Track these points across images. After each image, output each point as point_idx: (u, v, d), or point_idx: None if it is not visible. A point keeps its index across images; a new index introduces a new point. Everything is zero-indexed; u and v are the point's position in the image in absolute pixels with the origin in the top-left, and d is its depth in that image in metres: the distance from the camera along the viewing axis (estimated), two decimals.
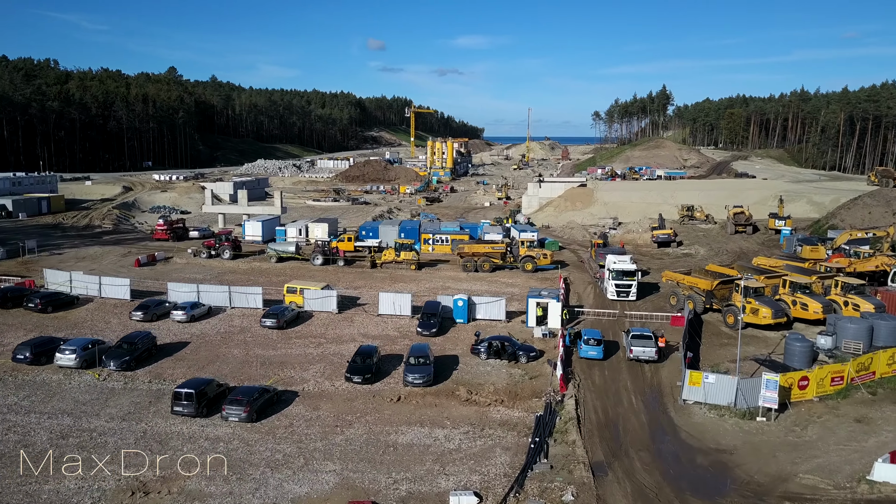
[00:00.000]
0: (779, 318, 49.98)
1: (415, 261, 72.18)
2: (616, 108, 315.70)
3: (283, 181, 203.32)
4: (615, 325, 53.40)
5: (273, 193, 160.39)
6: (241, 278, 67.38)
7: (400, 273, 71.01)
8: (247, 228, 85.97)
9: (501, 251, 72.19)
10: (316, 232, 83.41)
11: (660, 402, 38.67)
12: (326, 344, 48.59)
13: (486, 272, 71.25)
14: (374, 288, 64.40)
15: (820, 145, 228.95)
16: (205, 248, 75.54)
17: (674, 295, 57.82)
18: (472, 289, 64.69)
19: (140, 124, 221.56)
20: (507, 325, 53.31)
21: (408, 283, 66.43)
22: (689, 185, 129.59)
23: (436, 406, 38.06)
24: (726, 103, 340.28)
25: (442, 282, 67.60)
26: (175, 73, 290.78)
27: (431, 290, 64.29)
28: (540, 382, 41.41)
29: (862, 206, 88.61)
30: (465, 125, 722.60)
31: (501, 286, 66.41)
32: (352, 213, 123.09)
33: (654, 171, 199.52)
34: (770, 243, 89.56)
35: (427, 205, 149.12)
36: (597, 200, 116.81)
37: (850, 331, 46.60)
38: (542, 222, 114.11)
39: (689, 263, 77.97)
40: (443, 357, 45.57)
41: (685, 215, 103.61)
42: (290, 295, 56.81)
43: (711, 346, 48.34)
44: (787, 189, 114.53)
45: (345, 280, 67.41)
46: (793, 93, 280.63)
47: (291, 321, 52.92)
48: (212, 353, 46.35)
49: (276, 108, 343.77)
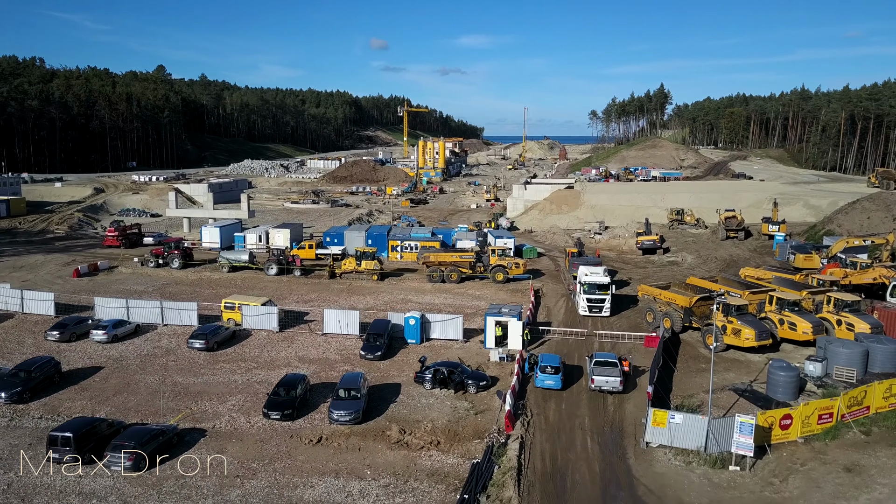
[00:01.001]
0: (763, 340, 44.77)
1: (377, 271, 66.99)
2: (613, 107, 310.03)
3: (268, 182, 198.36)
4: (583, 346, 48.22)
5: (252, 195, 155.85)
6: (186, 291, 62.30)
7: (360, 284, 65.84)
8: (204, 234, 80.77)
9: (470, 260, 67.01)
10: (276, 238, 78.26)
11: (619, 444, 33.45)
12: (256, 369, 43.46)
13: (454, 283, 66.09)
14: (327, 302, 59.33)
15: (820, 145, 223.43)
16: (152, 257, 70.41)
17: (650, 311, 52.60)
18: (435, 302, 59.64)
19: (124, 124, 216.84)
20: (464, 345, 48.17)
21: (365, 297, 61.31)
22: (681, 186, 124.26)
23: (359, 450, 32.89)
24: (726, 102, 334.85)
25: (404, 294, 62.43)
26: (163, 72, 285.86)
27: (391, 303, 59.18)
28: (486, 418, 36.23)
29: (860, 211, 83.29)
30: (465, 125, 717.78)
31: (468, 299, 61.27)
32: (328, 217, 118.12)
33: (650, 172, 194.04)
34: (763, 250, 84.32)
35: (411, 207, 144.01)
36: (583, 203, 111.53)
37: (843, 356, 41.40)
38: (526, 226, 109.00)
39: (673, 273, 72.81)
40: (382, 386, 40.47)
41: (674, 219, 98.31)
42: (227, 311, 51.76)
43: (687, 372, 43.15)
44: (782, 191, 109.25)
45: (297, 292, 62.29)
46: (793, 91, 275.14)
47: (224, 341, 47.81)
48: (124, 380, 41.24)
49: (269, 107, 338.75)
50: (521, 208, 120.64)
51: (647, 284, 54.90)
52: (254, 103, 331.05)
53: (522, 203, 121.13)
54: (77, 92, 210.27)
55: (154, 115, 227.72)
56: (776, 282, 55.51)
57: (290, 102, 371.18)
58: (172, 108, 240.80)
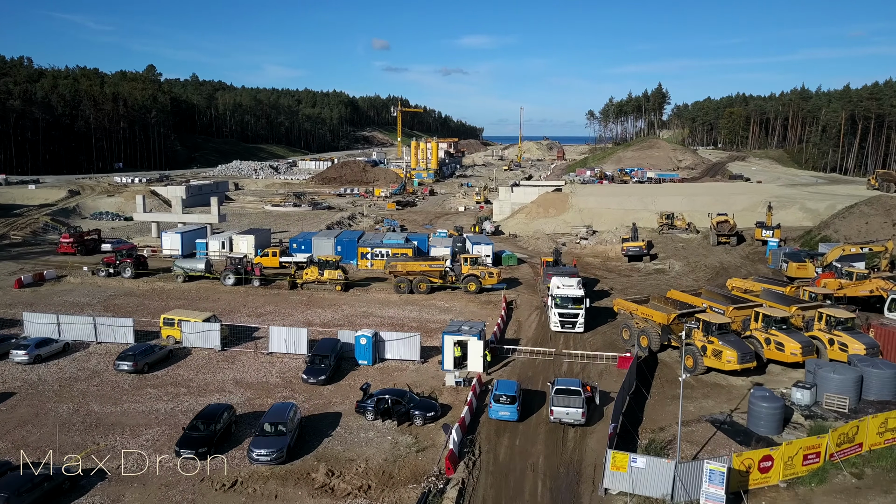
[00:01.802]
0: (747, 363, 40.53)
1: (340, 281, 62.78)
2: (611, 107, 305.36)
3: (255, 183, 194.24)
4: (551, 368, 44.03)
5: (234, 197, 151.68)
6: (133, 303, 58.14)
7: (321, 296, 61.62)
8: (164, 241, 76.55)
9: (440, 270, 62.79)
10: (240, 245, 74.10)
11: (574, 490, 29.26)
12: (185, 395, 39.29)
13: (423, 294, 61.90)
14: (282, 316, 55.17)
15: (820, 145, 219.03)
16: (104, 266, 66.23)
17: (626, 328, 48.37)
18: (399, 316, 55.47)
19: (110, 124, 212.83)
20: (421, 366, 43.99)
21: (325, 310, 57.11)
22: (673, 189, 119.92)
23: (276, 497, 28.72)
24: (726, 102, 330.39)
25: (366, 307, 58.22)
26: (153, 72, 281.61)
27: (350, 317, 55.02)
28: (428, 457, 32.05)
29: (858, 216, 78.94)
30: (464, 125, 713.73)
31: (435, 312, 57.07)
32: (308, 220, 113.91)
33: (646, 173, 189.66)
34: (755, 256, 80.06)
35: (397, 209, 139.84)
36: (571, 206, 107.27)
37: (834, 383, 37.18)
38: (512, 230, 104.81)
39: (658, 282, 68.56)
40: (320, 416, 36.32)
41: (664, 223, 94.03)
42: (166, 328, 47.63)
43: (662, 399, 38.92)
44: (778, 194, 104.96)
45: (252, 305, 58.11)
46: (793, 91, 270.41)
47: (157, 362, 43.66)
48: (34, 409, 37.09)
49: (262, 107, 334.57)
50: (507, 211, 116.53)
51: (624, 298, 50.56)
52: (247, 103, 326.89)
53: (509, 206, 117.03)
54: (62, 92, 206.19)
55: (141, 116, 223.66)
56: (764, 295, 51.26)
57: (284, 103, 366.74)
58: (161, 109, 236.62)
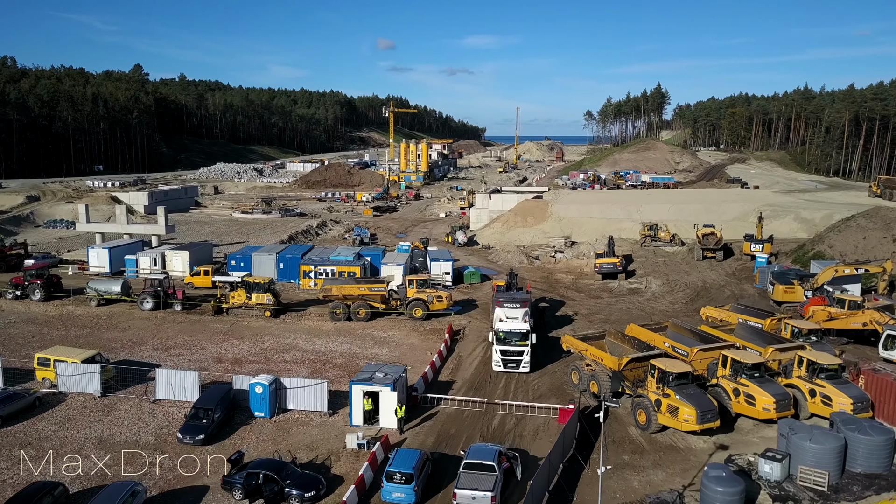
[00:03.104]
0: (708, 423, 33.63)
1: (269, 306, 56.06)
2: (609, 107, 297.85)
3: (236, 187, 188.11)
4: (480, 422, 37.24)
5: (207, 203, 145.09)
6: (30, 332, 51.57)
7: (245, 323, 54.87)
8: (91, 257, 69.96)
9: (381, 293, 56.01)
10: (174, 262, 67.51)
11: None
12: (30, 461, 32.59)
13: (362, 321, 55.18)
14: (193, 349, 48.56)
15: (824, 147, 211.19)
16: (10, 287, 59.70)
17: (576, 370, 41.52)
18: (325, 350, 48.81)
19: (89, 125, 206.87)
20: (328, 420, 37.25)
21: (244, 341, 50.42)
22: (661, 196, 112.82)
23: None
24: (728, 102, 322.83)
25: (292, 338, 51.45)
26: (140, 72, 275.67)
27: (270, 351, 48.37)
28: None
29: (855, 230, 71.81)
30: (465, 125, 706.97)
31: (370, 344, 50.33)
32: (274, 229, 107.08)
33: (640, 177, 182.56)
34: (742, 273, 73.12)
35: (374, 216, 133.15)
36: (551, 215, 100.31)
37: (811, 454, 30.34)
38: (487, 241, 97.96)
39: (630, 305, 61.66)
40: (179, 493, 29.70)
41: (647, 235, 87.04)
42: (41, 369, 41.10)
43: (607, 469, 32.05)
44: (772, 202, 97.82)
45: (164, 335, 51.45)
46: (796, 91, 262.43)
47: (17, 413, 37.05)
48: None
49: (254, 107, 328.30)
50: (485, 219, 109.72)
51: (574, 334, 43.48)
52: (238, 104, 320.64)
53: (487, 214, 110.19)
54: (39, 92, 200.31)
55: (122, 117, 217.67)
56: (739, 331, 44.33)
57: (278, 103, 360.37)
58: (144, 109, 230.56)
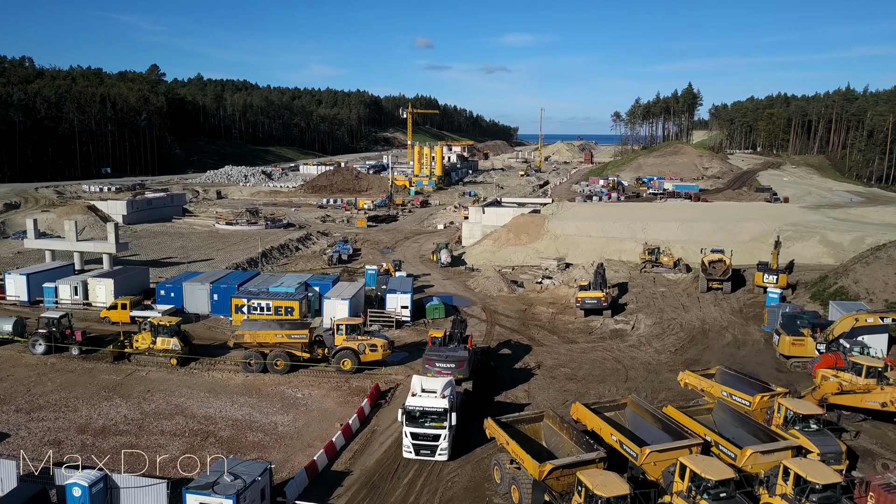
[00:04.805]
0: None
1: (176, 352, 48.06)
2: (638, 108, 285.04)
3: (241, 192, 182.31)
4: None
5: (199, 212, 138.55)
6: None
7: (144, 374, 46.77)
8: (7, 284, 62.84)
9: (302, 341, 47.56)
10: (98, 291, 60.08)
11: None
12: None
13: (279, 373, 46.84)
14: (62, 410, 40.69)
15: (866, 152, 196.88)
16: None
17: (497, 466, 32.48)
18: (219, 415, 40.55)
19: (96, 127, 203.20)
20: None
21: (128, 400, 42.35)
22: (671, 212, 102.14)
23: None
24: (766, 103, 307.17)
25: (187, 396, 43.21)
26: (156, 72, 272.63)
27: (151, 416, 40.22)
28: None
29: (886, 262, 60.91)
30: (496, 124, 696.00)
31: (276, 407, 41.82)
32: (251, 243, 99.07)
33: (662, 184, 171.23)
34: (750, 311, 62.97)
35: (369, 226, 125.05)
36: (546, 233, 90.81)
37: None
38: (475, 260, 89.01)
39: (606, 355, 52.01)
40: None
41: (647, 260, 77.15)
42: None
43: None
44: (796, 221, 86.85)
45: (41, 389, 43.62)
46: (837, 91, 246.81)
47: None
48: None
49: (274, 108, 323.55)
50: (478, 235, 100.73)
51: (497, 419, 34.20)
52: (258, 104, 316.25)
53: (480, 229, 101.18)
54: (46, 94, 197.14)
55: (131, 118, 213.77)
56: (717, 415, 34.74)
57: (299, 103, 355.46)
58: (155, 110, 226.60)
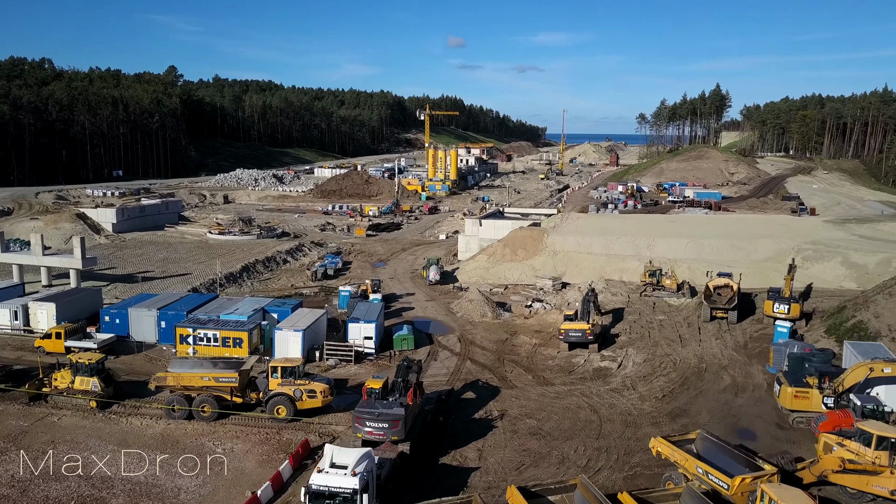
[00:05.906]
0: None
1: (94, 394, 43.18)
2: (664, 109, 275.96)
3: (248, 196, 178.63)
4: None
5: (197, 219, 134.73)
6: None
7: (55, 420, 41.81)
8: None
9: (231, 385, 42.31)
10: (38, 317, 55.70)
11: None
12: None
13: (206, 420, 41.68)
14: None
15: None
16: None
17: None
18: (121, 475, 35.47)
19: (108, 129, 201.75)
20: None
21: (29, 453, 37.54)
22: (681, 227, 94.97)
23: None
24: (799, 104, 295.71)
25: (93, 449, 38.05)
26: (173, 73, 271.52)
27: (38, 479, 35.28)
28: None
29: None
30: (524, 125, 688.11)
31: (188, 467, 36.61)
32: (240, 254, 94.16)
33: (683, 191, 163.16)
34: (756, 347, 56.18)
35: (368, 236, 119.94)
36: (545, 249, 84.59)
37: None
38: (467, 277, 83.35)
39: (583, 402, 45.75)
40: None
41: (648, 282, 70.58)
42: None
43: None
44: (817, 239, 79.32)
45: None
46: (873, 92, 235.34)
47: None
48: None
49: (293, 109, 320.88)
50: (475, 249, 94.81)
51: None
52: (277, 105, 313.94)
53: (477, 242, 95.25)
54: (59, 96, 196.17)
55: (144, 120, 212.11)
56: (686, 499, 28.53)
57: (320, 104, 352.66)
58: (168, 112, 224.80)
